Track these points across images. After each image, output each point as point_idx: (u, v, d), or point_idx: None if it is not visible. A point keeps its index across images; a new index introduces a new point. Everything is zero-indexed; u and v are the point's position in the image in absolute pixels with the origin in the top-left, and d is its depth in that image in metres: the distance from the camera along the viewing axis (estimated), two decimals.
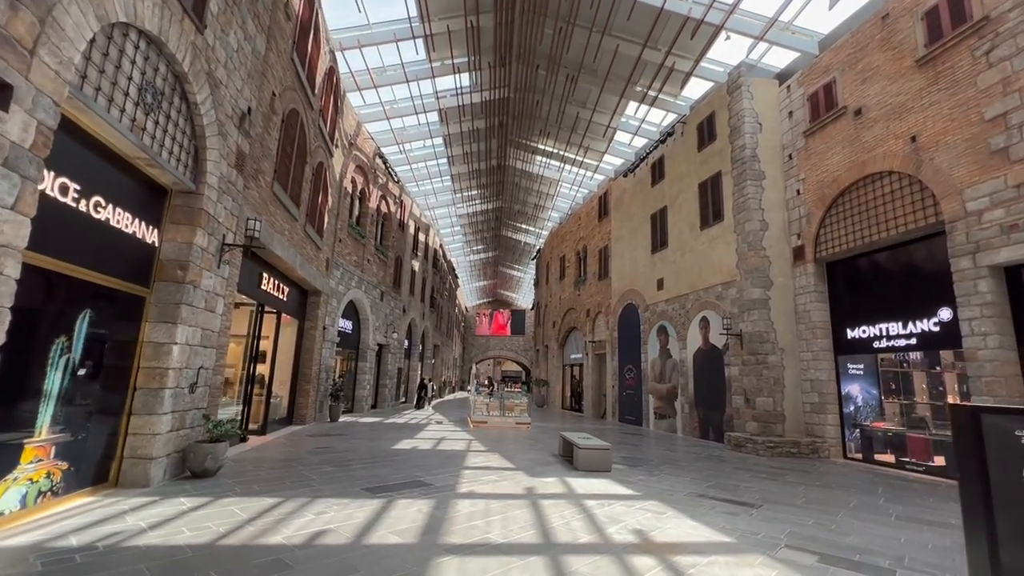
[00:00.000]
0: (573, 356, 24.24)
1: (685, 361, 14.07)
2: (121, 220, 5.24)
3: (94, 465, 5.17)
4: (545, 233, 30.80)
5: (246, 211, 7.77)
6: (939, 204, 8.41)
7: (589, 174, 21.49)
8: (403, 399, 24.13)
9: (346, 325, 16.27)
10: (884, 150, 9.48)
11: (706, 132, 13.90)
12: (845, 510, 5.78)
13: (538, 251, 32.18)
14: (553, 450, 9.89)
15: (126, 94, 4.85)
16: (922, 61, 8.87)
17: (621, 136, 18.39)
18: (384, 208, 19.13)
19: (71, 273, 4.61)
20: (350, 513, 4.84)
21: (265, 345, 11.06)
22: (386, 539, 4.12)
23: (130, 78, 4.90)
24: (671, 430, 14.47)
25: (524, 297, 50.03)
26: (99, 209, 4.89)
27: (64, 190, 4.45)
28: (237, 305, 9.54)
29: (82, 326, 4.82)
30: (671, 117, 16.18)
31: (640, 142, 18.16)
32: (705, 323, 13.31)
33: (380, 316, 18.83)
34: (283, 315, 11.42)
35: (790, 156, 11.92)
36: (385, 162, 18.21)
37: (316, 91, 11.32)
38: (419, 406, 21.56)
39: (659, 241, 15.98)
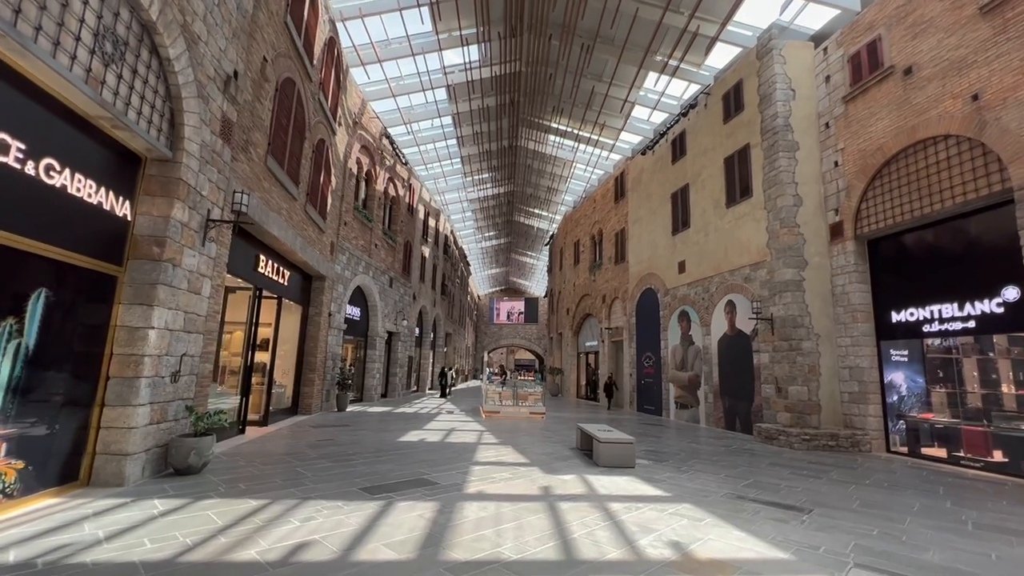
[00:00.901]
0: (588, 344, 23.51)
1: (709, 348, 13.27)
2: (83, 188, 4.63)
3: (60, 463, 4.63)
4: (558, 218, 29.94)
5: (235, 185, 7.14)
6: (1006, 169, 7.44)
7: (605, 154, 20.55)
8: (415, 387, 23.69)
9: (354, 312, 15.74)
10: (939, 112, 8.50)
11: (732, 102, 12.91)
12: (910, 516, 5.02)
13: (551, 237, 31.36)
14: (570, 443, 9.23)
15: (77, 39, 4.21)
16: (987, 8, 7.83)
17: (639, 112, 17.43)
18: (392, 191, 18.48)
19: (13, 244, 4.01)
20: (341, 519, 4.22)
21: (265, 332, 10.55)
22: (378, 554, 3.50)
23: (82, 20, 4.24)
24: (693, 420, 13.72)
25: (537, 285, 49.28)
26: (52, 174, 4.28)
27: (3, 148, 3.83)
28: (234, 290, 9.01)
29: (36, 307, 4.24)
30: (693, 89, 15.18)
31: (659, 117, 17.17)
32: (731, 307, 12.47)
33: (389, 303, 18.28)
34: (284, 301, 10.87)
35: (827, 125, 10.93)
36: (392, 142, 17.51)
37: (315, 62, 10.63)
38: (444, 394, 21.46)
39: (680, 221, 15.09)
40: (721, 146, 13.30)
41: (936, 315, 8.68)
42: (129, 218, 5.36)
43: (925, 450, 8.91)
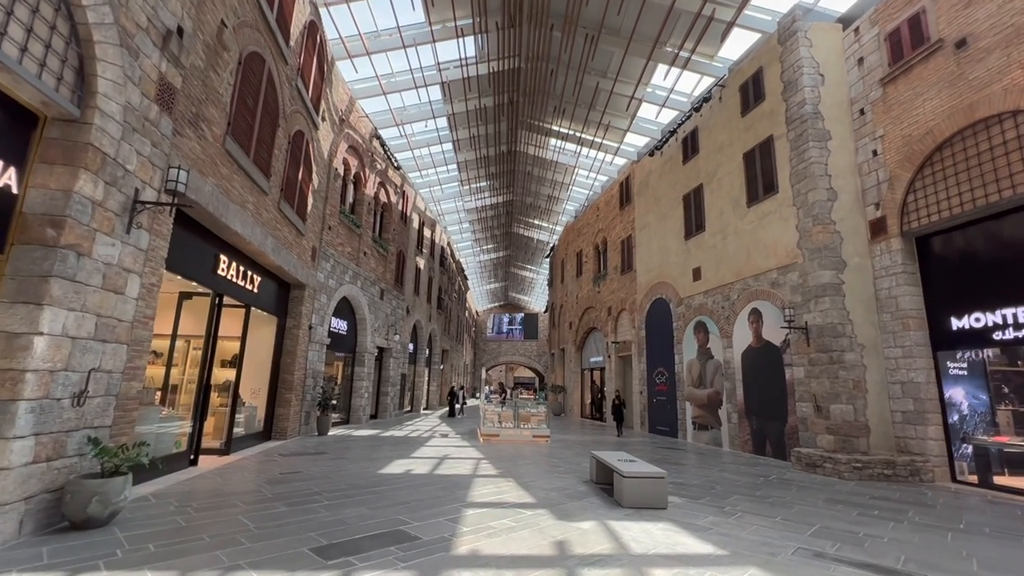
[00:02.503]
0: (593, 359, 22.14)
1: (731, 362, 11.95)
2: None
3: None
4: (559, 229, 28.83)
5: (180, 164, 5.92)
6: None
7: (608, 158, 19.50)
8: (408, 408, 22.21)
9: (340, 325, 14.44)
10: (1004, 85, 7.37)
11: (751, 93, 11.86)
12: None
13: (552, 248, 30.21)
14: (582, 473, 7.86)
15: None
16: None
17: (645, 112, 16.45)
18: (383, 197, 17.33)
19: None
20: None
21: (232, 346, 9.24)
22: None
23: None
24: (715, 443, 12.32)
25: (537, 300, 47.99)
26: None
27: None
28: (189, 295, 7.75)
29: None
30: (705, 84, 14.18)
31: (667, 117, 16.15)
32: (756, 316, 11.20)
33: (380, 316, 16.98)
34: (254, 310, 9.58)
35: (861, 111, 9.83)
36: (383, 145, 16.43)
37: (291, 43, 9.54)
38: (452, 414, 20.82)
39: (694, 225, 13.91)
40: (739, 141, 12.19)
41: (1011, 320, 7.41)
42: (15, 191, 4.12)
43: (999, 479, 7.56)
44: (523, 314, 47.60)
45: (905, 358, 8.67)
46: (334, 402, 14.80)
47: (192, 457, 7.37)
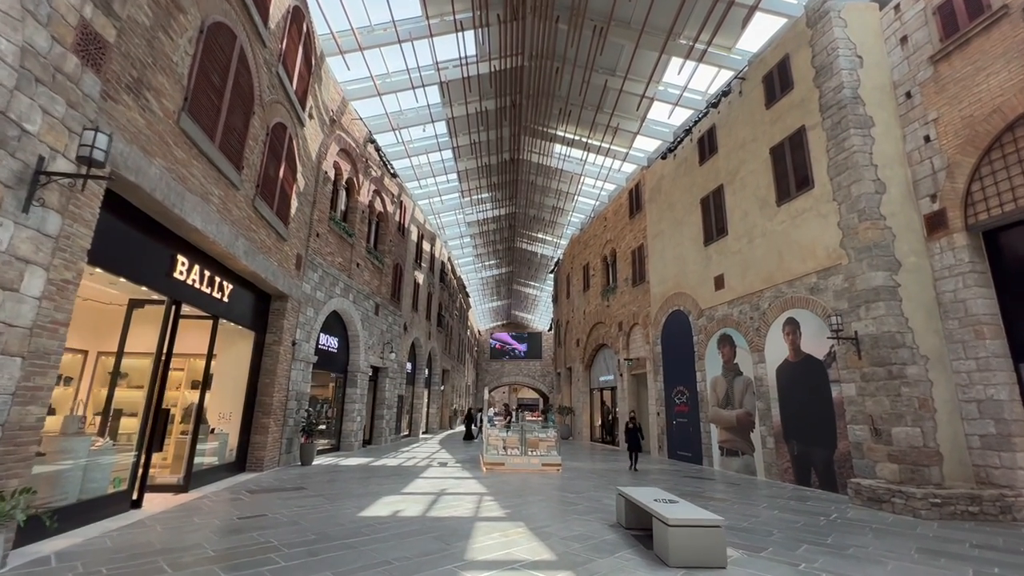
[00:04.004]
0: (603, 378, 20.78)
1: (764, 379, 10.65)
2: None
3: None
4: (563, 243, 27.76)
5: (108, 132, 4.82)
6: None
7: (617, 164, 18.51)
8: (406, 432, 20.77)
9: (330, 342, 13.22)
10: None
11: (777, 83, 10.86)
12: None
13: (556, 263, 29.11)
14: (606, 513, 6.53)
15: None
16: None
17: (657, 112, 15.59)
18: (379, 206, 16.31)
19: None
20: None
21: (200, 365, 8.05)
22: None
23: None
24: (747, 471, 10.93)
25: (540, 319, 46.68)
26: None
27: None
28: (141, 303, 6.59)
29: None
30: (722, 78, 13.21)
31: (680, 117, 15.19)
32: (792, 326, 9.96)
33: (374, 333, 15.76)
34: (225, 323, 8.40)
35: (908, 95, 8.78)
36: (379, 150, 15.48)
37: (271, 25, 8.59)
38: (469, 437, 20.28)
39: (714, 229, 12.78)
40: (765, 135, 11.15)
41: None
42: None
43: None
44: (527, 333, 46.31)
45: (980, 371, 7.40)
46: (322, 427, 13.53)
47: (135, 497, 6.09)
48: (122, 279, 5.81)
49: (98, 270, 5.32)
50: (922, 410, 7.59)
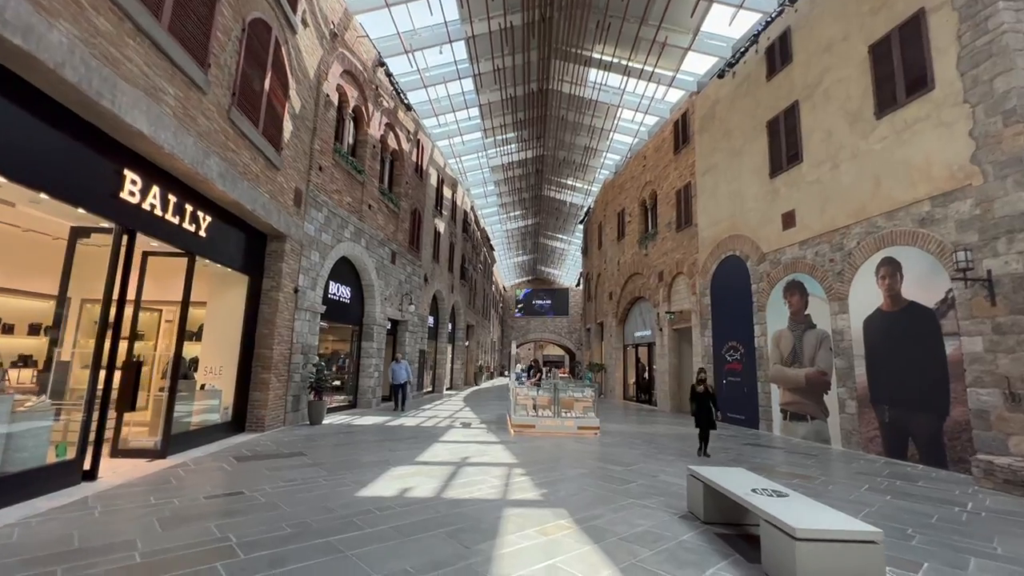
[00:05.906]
0: (638, 334, 19.22)
1: (845, 332, 8.89)
2: None
3: None
4: (595, 190, 25.60)
5: None
6: None
7: (661, 91, 16.16)
8: (429, 388, 19.89)
9: (342, 292, 11.99)
10: None
11: None
12: None
13: (587, 212, 27.07)
14: (667, 494, 5.13)
15: None
16: None
17: (713, 22, 13.28)
18: (393, 143, 14.64)
19: None
20: None
21: (197, 315, 6.84)
22: None
23: None
24: (818, 439, 9.38)
25: (567, 274, 44.91)
26: None
27: None
28: (87, 231, 5.29)
29: None
30: None
31: (743, 26, 12.81)
32: (891, 268, 8.08)
33: (392, 283, 14.47)
34: (207, 262, 7.11)
35: None
36: (390, 77, 13.65)
37: None
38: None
39: (784, 157, 10.69)
40: (862, 29, 8.87)
41: None
42: None
43: None
44: (554, 288, 44.84)
45: None
46: (337, 383, 12.54)
47: (87, 468, 4.98)
48: (44, 195, 4.45)
49: (7, 180, 3.96)
50: None
